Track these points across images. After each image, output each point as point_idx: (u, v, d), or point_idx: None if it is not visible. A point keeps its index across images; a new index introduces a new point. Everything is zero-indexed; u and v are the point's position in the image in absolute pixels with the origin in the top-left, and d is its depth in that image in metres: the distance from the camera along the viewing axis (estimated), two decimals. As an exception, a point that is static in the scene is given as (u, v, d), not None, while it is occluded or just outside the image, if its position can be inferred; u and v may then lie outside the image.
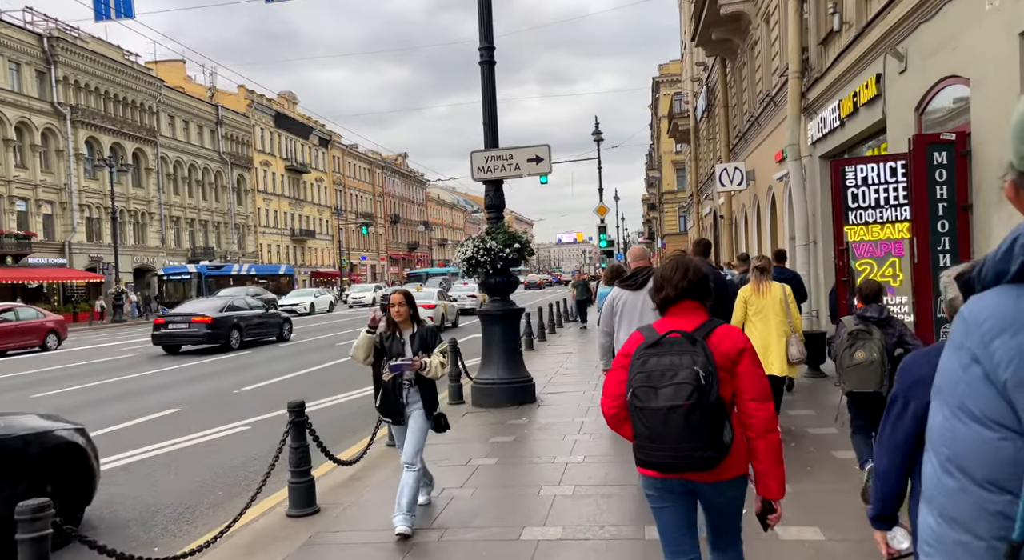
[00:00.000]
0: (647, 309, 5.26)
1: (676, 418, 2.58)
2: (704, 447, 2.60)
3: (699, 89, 31.48)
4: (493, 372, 9.52)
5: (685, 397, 2.57)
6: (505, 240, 9.39)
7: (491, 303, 9.76)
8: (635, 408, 2.67)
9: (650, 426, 2.64)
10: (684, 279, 2.86)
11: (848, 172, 8.37)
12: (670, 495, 2.82)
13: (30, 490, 4.67)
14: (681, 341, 2.69)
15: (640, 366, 2.69)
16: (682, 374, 2.61)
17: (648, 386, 2.65)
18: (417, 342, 5.13)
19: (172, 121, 56.61)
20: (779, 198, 16.76)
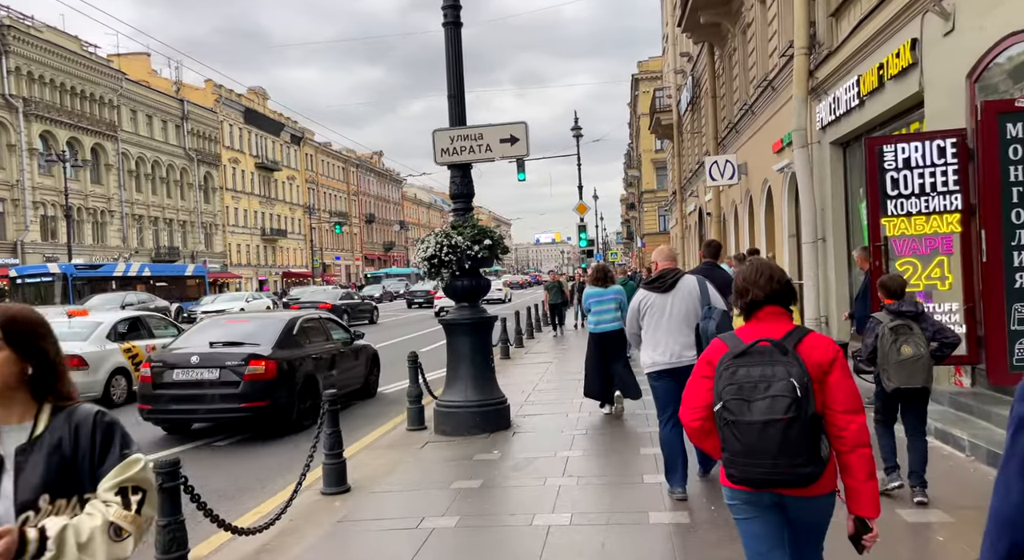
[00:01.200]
0: (676, 313, 5.27)
1: (773, 433, 2.48)
2: (804, 463, 2.50)
3: (683, 81, 30.12)
4: (460, 392, 7.98)
5: (783, 411, 2.47)
6: (473, 235, 7.86)
7: (458, 310, 8.22)
8: (727, 422, 2.56)
9: (744, 441, 2.53)
10: (771, 283, 2.74)
11: (887, 152, 6.94)
12: (759, 508, 2.69)
13: (367, 374, 11.31)
14: (771, 350, 2.58)
15: (729, 377, 2.58)
16: (777, 386, 2.51)
17: (740, 399, 2.54)
18: (38, 465, 1.88)
19: (134, 115, 54.37)
20: (777, 192, 15.39)
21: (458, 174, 8.20)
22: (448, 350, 8.26)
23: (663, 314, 5.29)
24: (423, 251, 7.94)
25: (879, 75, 8.80)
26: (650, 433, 7.39)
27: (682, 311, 5.27)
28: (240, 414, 8.46)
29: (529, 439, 7.60)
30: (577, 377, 11.82)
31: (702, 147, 26.23)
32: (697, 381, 2.75)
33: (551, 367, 13.41)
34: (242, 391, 8.42)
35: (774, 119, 14.97)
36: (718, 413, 2.59)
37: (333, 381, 9.34)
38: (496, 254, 8.12)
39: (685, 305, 5.28)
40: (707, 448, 2.76)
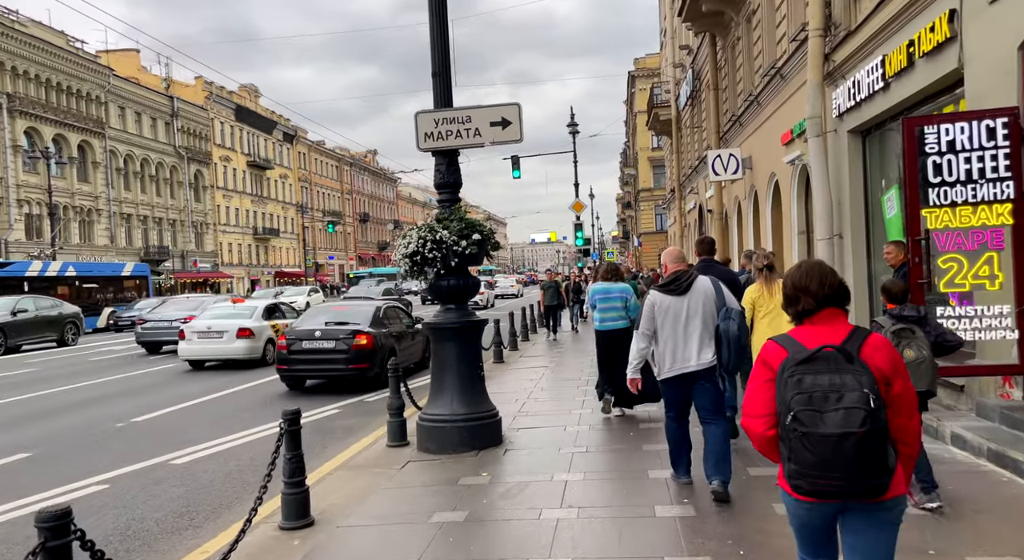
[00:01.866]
0: (693, 316, 5.18)
1: (848, 446, 2.39)
2: (876, 475, 2.43)
3: (682, 76, 29.30)
4: (445, 405, 7.14)
5: (858, 424, 2.38)
6: (461, 230, 7.02)
7: (443, 313, 7.37)
8: (799, 434, 2.45)
9: (818, 453, 2.42)
10: (823, 287, 2.65)
11: (928, 134, 6.12)
12: (819, 512, 2.59)
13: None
14: (837, 357, 2.49)
15: (796, 386, 2.48)
16: (849, 397, 2.41)
17: (812, 409, 2.43)
18: None
19: (123, 112, 53.39)
20: (785, 186, 14.57)
21: (443, 162, 7.35)
22: (432, 357, 7.41)
23: (680, 317, 5.21)
24: (404, 247, 7.09)
25: (908, 53, 7.98)
26: (659, 451, 6.56)
27: (699, 313, 5.21)
28: (348, 373, 10.80)
29: (523, 458, 6.76)
30: (575, 384, 11.05)
31: (702, 142, 25.41)
32: (760, 386, 2.63)
33: (547, 372, 12.57)
34: (350, 357, 11.84)
35: (783, 109, 14.16)
36: (789, 424, 2.48)
37: (402, 354, 12.20)
38: (486, 250, 7.28)
39: (702, 307, 5.23)
40: (776, 458, 2.63)
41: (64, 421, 10.35)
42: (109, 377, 15.16)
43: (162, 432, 9.27)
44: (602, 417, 8.39)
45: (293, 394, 11.99)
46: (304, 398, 11.37)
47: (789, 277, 2.76)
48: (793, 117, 13.25)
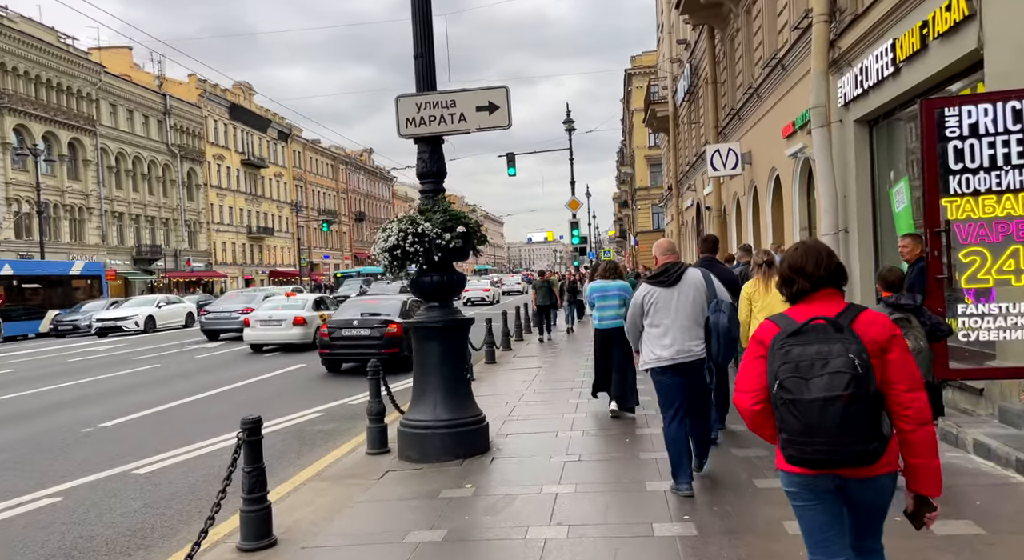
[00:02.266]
0: (683, 307, 5.18)
1: (834, 410, 2.40)
2: (867, 439, 2.42)
3: (680, 71, 28.85)
4: (428, 410, 6.65)
5: (842, 387, 2.39)
6: (444, 222, 6.53)
7: (426, 311, 6.88)
8: (784, 401, 2.47)
9: (803, 419, 2.44)
10: (819, 268, 2.65)
11: (949, 117, 5.63)
12: (818, 493, 2.60)
13: None
14: (826, 328, 2.51)
15: (783, 356, 2.50)
16: (835, 362, 2.43)
17: (797, 377, 2.46)
18: None
19: (114, 110, 52.76)
20: (786, 181, 14.11)
21: (426, 149, 6.86)
22: (415, 359, 6.92)
23: (669, 308, 5.21)
24: (383, 241, 6.59)
25: (921, 35, 7.51)
26: (656, 460, 6.09)
27: (689, 305, 5.20)
28: (380, 357, 10.30)
29: (511, 467, 6.28)
30: (569, 386, 10.57)
31: (700, 138, 24.96)
32: (750, 362, 2.65)
33: (539, 373, 12.08)
34: (383, 342, 13.54)
35: (784, 101, 13.69)
36: (776, 394, 2.50)
37: None
38: (472, 244, 6.79)
39: (692, 299, 5.22)
40: (767, 435, 2.67)
41: (29, 427, 9.85)
42: (87, 379, 14.66)
43: (131, 438, 8.77)
44: (596, 422, 7.93)
45: (278, 397, 11.50)
46: (287, 400, 10.88)
47: (786, 258, 2.73)
48: (795, 109, 12.79)
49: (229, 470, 4.32)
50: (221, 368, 15.89)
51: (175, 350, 20.41)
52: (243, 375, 14.20)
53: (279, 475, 6.66)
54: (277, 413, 9.77)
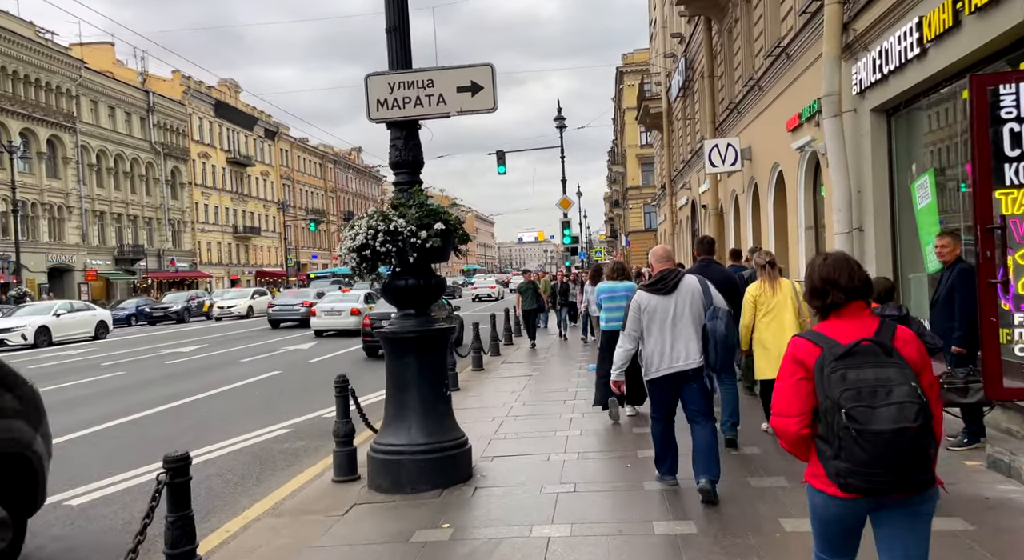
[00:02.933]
0: (680, 315, 5.15)
1: (903, 441, 2.33)
2: (926, 469, 2.40)
3: (674, 66, 28.10)
4: (403, 433, 5.82)
5: (912, 418, 2.33)
6: (420, 218, 5.71)
7: (401, 320, 6.05)
8: (851, 431, 2.35)
9: (872, 451, 2.34)
10: (852, 280, 2.61)
11: (1005, 96, 4.86)
12: (849, 511, 2.52)
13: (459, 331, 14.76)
14: (875, 350, 2.46)
15: (840, 382, 2.40)
16: (899, 392, 2.36)
17: (863, 406, 2.35)
18: None
19: (95, 107, 51.64)
20: (790, 177, 13.34)
21: (400, 135, 6.03)
22: (388, 374, 6.07)
23: (667, 317, 5.17)
24: (350, 239, 5.76)
25: (955, 10, 6.73)
26: (663, 492, 5.31)
27: (687, 313, 5.16)
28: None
29: (496, 501, 5.45)
30: (561, 397, 9.77)
31: (696, 134, 24.22)
32: (794, 385, 2.56)
33: (530, 384, 11.25)
34: None
35: (789, 92, 12.93)
36: (834, 420, 2.40)
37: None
38: (452, 244, 5.98)
39: (689, 307, 5.18)
40: (803, 455, 2.61)
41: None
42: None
43: (78, 457, 7.90)
44: (593, 441, 7.14)
45: (244, 411, 10.64)
46: (256, 413, 10.03)
47: (816, 270, 2.69)
48: (801, 100, 12.03)
49: (144, 522, 3.49)
50: (187, 377, 15.00)
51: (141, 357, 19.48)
52: (217, 382, 13.33)
53: (233, 507, 5.84)
54: (245, 427, 8.94)
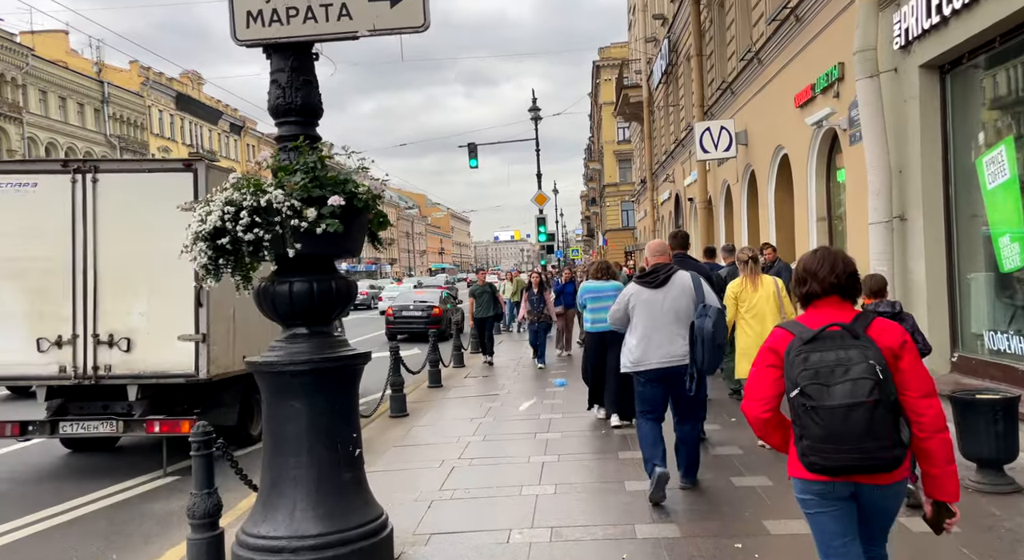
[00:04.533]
0: (669, 310, 5.06)
1: (857, 416, 2.39)
2: (891, 446, 2.43)
3: (656, 51, 26.26)
4: (283, 519, 3.81)
5: (866, 393, 2.39)
6: (307, 187, 3.72)
7: (287, 343, 4.01)
8: (806, 407, 2.47)
9: (826, 426, 2.43)
10: (831, 274, 2.65)
11: None
12: (834, 501, 2.60)
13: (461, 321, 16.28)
14: (843, 334, 2.53)
15: (802, 363, 2.51)
16: (856, 369, 2.44)
17: (818, 383, 2.46)
18: None
19: (44, 97, 48.78)
20: (798, 160, 11.49)
21: (283, 66, 4.01)
22: (264, 427, 4.06)
23: (655, 311, 5.08)
24: (197, 222, 3.74)
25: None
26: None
27: (675, 308, 5.07)
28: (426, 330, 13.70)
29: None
30: (531, 428, 7.82)
31: (681, 122, 22.40)
32: (762, 371, 2.66)
33: (495, 407, 9.26)
34: (429, 321, 19.43)
35: (798, 60, 11.08)
36: (794, 400, 2.50)
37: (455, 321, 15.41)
38: (361, 228, 4.00)
39: (679, 302, 5.07)
40: (774, 441, 2.71)
41: None
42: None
43: None
44: (573, 509, 5.17)
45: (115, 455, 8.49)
46: (139, 452, 7.90)
47: (802, 260, 2.76)
48: (815, 67, 10.18)
49: None
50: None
51: None
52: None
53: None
54: (114, 474, 6.87)
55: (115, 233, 6.74)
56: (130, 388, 6.87)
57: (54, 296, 6.76)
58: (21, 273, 6.79)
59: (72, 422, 6.92)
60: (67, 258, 6.75)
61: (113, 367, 6.80)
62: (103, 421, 6.89)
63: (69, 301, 6.77)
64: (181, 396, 7.08)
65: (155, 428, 6.74)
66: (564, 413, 8.41)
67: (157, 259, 6.39)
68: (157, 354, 6.79)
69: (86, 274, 6.77)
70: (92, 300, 6.77)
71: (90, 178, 6.82)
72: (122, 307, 6.82)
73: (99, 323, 6.79)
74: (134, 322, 6.80)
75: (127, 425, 6.83)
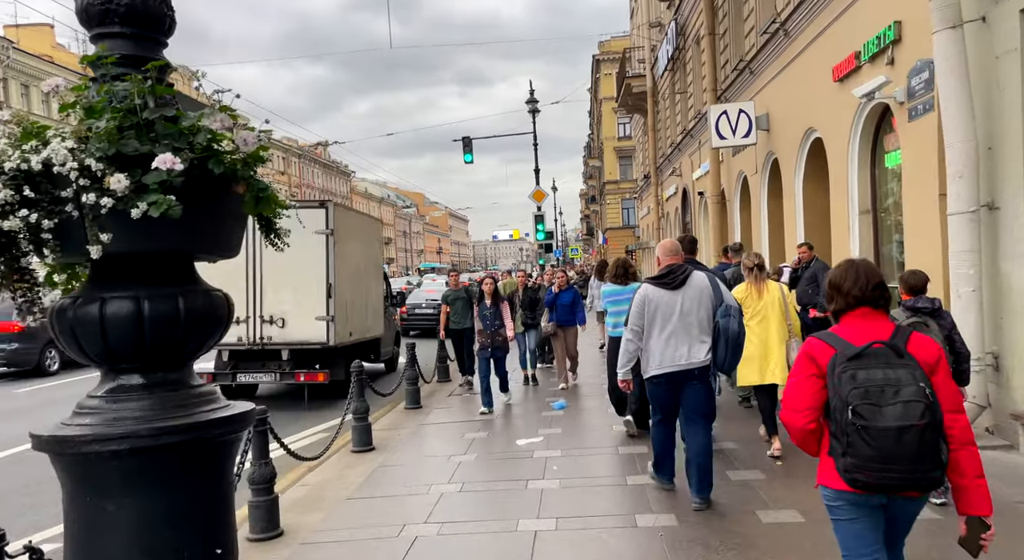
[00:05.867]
0: (687, 312, 4.96)
1: (909, 438, 2.43)
2: (935, 467, 2.48)
3: (661, 37, 24.67)
4: None
5: (918, 416, 2.43)
6: (111, 134, 2.11)
7: (104, 403, 2.41)
8: (856, 427, 2.48)
9: (878, 447, 2.45)
10: (855, 287, 2.68)
11: None
12: (865, 509, 2.64)
13: None
14: (887, 353, 2.54)
15: (851, 381, 2.52)
16: (906, 391, 2.46)
17: (870, 404, 2.47)
18: None
19: (26, 91, 47.20)
20: (836, 144, 9.90)
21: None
22: (66, 548, 2.47)
23: (673, 313, 4.94)
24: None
25: None
26: None
27: (694, 309, 4.95)
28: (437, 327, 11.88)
29: None
30: (524, 473, 6.22)
31: (688, 112, 20.82)
32: (804, 381, 2.66)
33: (478, 443, 7.63)
34: (436, 317, 14.52)
35: (837, 27, 9.50)
36: (843, 418, 2.50)
37: None
38: (227, 207, 2.40)
39: (697, 303, 4.96)
40: (812, 450, 2.72)
41: None
42: None
43: None
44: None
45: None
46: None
47: (830, 274, 2.83)
48: (859, 32, 8.61)
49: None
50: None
51: None
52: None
53: None
54: None
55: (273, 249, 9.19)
56: (283, 351, 10.00)
57: (235, 290, 8.90)
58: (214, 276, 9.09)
59: (245, 373, 10.19)
60: (243, 265, 9.61)
61: (272, 338, 9.88)
62: (267, 373, 10.13)
63: (244, 293, 9.66)
64: (315, 357, 10.00)
65: (301, 377, 10.00)
66: (564, 450, 6.83)
67: (301, 266, 9.48)
68: (301, 329, 9.87)
69: (255, 276, 9.76)
70: (259, 292, 9.81)
71: None
72: (278, 297, 9.85)
73: (264, 308, 9.82)
74: (286, 307, 9.84)
75: (282, 376, 10.12)
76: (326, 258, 9.76)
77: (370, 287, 11.82)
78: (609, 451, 6.76)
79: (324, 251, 9.74)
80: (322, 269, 9.75)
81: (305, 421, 9.20)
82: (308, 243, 9.32)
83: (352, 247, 10.73)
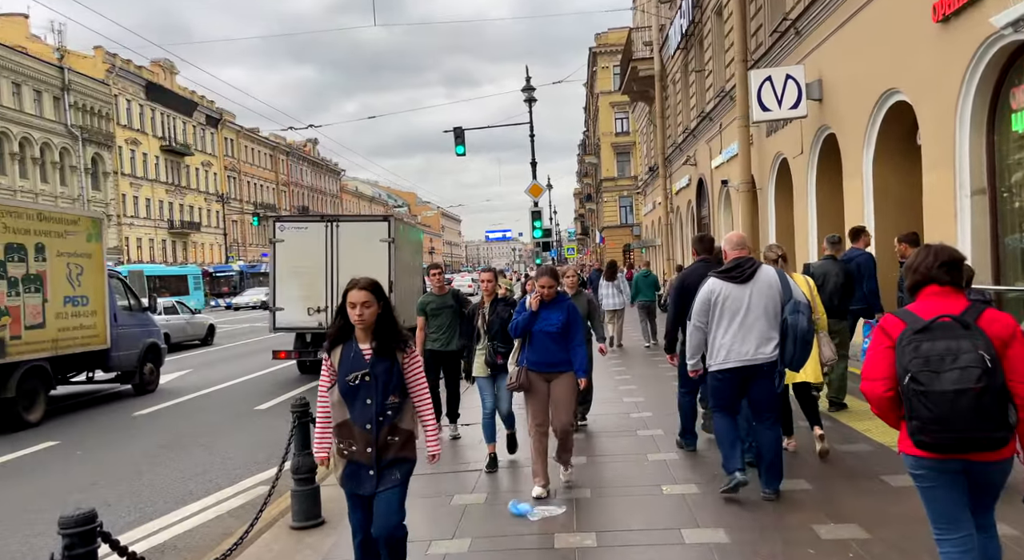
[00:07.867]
0: (755, 306, 4.82)
1: (965, 401, 2.52)
2: (997, 428, 2.56)
3: (671, 14, 22.48)
4: None
5: (973, 380, 2.52)
6: None
7: None
8: (916, 392, 2.59)
9: (935, 409, 2.56)
10: (924, 264, 2.78)
11: None
12: (945, 475, 2.73)
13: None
14: (953, 325, 2.62)
15: (913, 351, 2.62)
16: (965, 358, 2.55)
17: (929, 370, 2.57)
18: None
19: (-3, 82, 44.77)
20: (936, 104, 7.70)
21: None
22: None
23: (741, 307, 4.81)
24: None
25: None
26: None
27: (762, 304, 4.82)
28: None
29: None
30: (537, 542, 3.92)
31: (705, 93, 18.61)
32: (880, 352, 2.76)
33: (471, 514, 5.33)
34: None
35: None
36: (907, 385, 2.61)
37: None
38: None
39: (765, 298, 4.83)
40: (891, 420, 2.79)
41: None
42: None
43: None
44: None
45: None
46: None
47: (909, 257, 2.93)
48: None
49: None
50: None
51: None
52: None
53: None
54: None
55: (347, 253, 12.10)
56: None
57: (316, 286, 12.17)
58: (301, 274, 12.23)
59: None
60: (322, 266, 12.22)
61: None
62: None
63: (322, 289, 12.19)
64: None
65: None
66: (599, 530, 4.56)
67: (369, 265, 11.06)
68: None
69: (333, 274, 12.14)
70: (335, 287, 11.90)
71: (335, 225, 12.48)
72: None
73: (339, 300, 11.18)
74: None
75: None
76: (388, 260, 12.25)
77: (415, 283, 14.52)
78: (672, 536, 4.48)
79: (387, 255, 12.29)
80: (385, 269, 12.04)
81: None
82: (374, 248, 12.17)
83: (405, 252, 13.47)
